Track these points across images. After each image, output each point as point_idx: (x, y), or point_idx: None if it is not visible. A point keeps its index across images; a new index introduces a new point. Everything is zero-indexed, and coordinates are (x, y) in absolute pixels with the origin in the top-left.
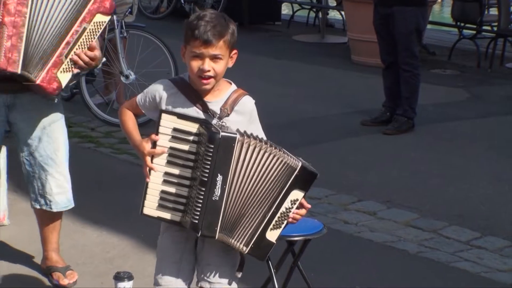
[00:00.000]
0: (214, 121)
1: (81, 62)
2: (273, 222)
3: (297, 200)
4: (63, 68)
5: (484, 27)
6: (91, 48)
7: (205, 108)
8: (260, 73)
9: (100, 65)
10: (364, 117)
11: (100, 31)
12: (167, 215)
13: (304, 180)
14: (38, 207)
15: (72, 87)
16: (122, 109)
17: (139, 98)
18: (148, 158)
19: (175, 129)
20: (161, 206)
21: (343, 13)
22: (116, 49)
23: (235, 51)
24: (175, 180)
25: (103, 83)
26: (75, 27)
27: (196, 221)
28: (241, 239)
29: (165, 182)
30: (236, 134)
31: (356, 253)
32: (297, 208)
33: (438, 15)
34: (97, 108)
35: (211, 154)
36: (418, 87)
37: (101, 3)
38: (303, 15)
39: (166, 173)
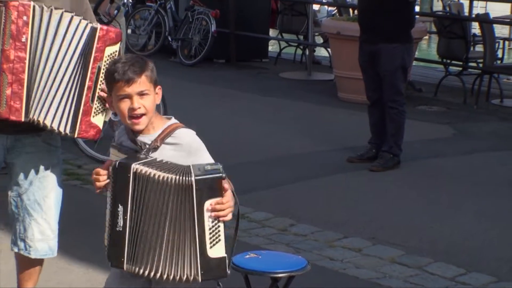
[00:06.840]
0: (142, 154)
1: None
2: (208, 240)
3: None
4: (95, 112)
5: (470, 64)
6: None
7: (134, 141)
8: (247, 110)
9: None
10: (350, 154)
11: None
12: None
13: (211, 189)
14: (16, 250)
15: None
16: None
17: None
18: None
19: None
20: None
21: (329, 50)
22: None
23: (159, 86)
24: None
25: None
26: (90, 70)
27: (107, 251)
28: (177, 270)
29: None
30: (132, 163)
31: None
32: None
33: (426, 51)
34: (85, 144)
35: (112, 184)
36: (404, 123)
37: (106, 36)
38: (290, 52)
39: (110, 205)
